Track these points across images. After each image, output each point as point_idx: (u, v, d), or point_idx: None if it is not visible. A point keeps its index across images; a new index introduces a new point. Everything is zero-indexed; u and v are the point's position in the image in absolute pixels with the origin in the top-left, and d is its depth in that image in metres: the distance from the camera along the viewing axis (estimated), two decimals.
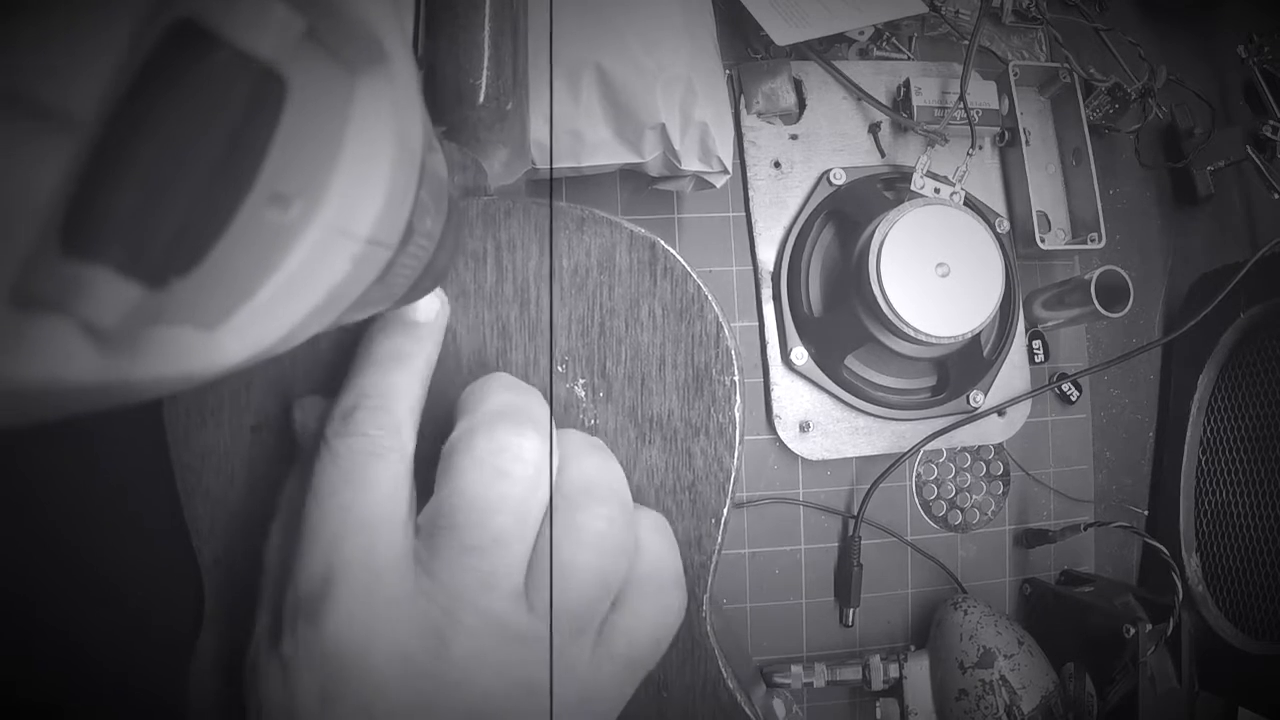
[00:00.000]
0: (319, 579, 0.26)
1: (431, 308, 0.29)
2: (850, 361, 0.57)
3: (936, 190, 0.55)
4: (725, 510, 0.31)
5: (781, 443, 0.58)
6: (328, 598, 0.25)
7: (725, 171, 0.48)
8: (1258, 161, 0.60)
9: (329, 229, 0.16)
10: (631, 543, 0.28)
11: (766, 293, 0.58)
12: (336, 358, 0.31)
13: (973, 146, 0.57)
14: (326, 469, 0.26)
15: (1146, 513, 0.64)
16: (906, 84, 0.59)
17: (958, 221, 0.52)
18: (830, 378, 0.58)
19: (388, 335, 0.28)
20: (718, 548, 0.31)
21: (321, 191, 0.16)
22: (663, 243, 0.31)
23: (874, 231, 0.52)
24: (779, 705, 0.56)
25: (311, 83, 0.15)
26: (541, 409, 0.29)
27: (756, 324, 0.59)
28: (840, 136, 0.60)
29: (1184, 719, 0.56)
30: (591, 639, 0.28)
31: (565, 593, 0.26)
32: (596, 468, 0.28)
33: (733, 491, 0.31)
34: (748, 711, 0.31)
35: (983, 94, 0.58)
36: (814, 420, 0.58)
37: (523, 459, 0.26)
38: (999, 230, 0.58)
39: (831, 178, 0.59)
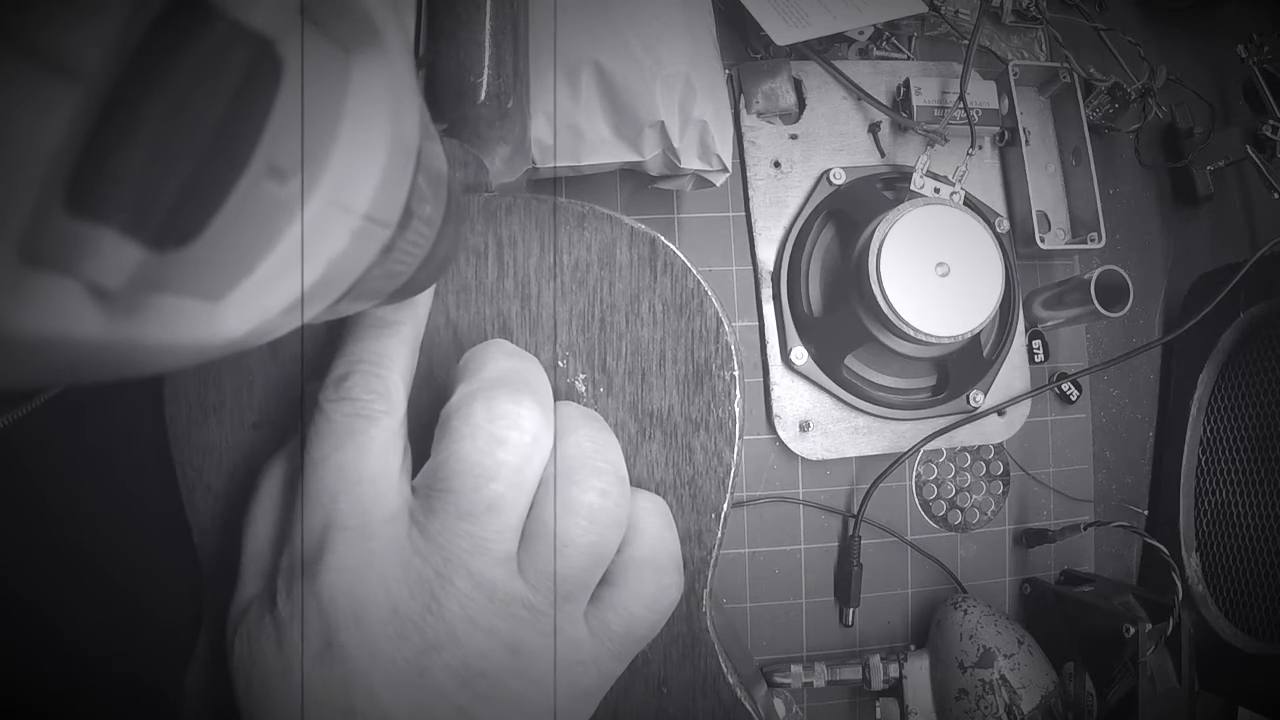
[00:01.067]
0: (315, 537, 0.26)
1: None
2: (850, 361, 0.58)
3: (936, 190, 0.55)
4: (725, 505, 0.31)
5: (781, 442, 0.58)
6: (323, 554, 0.26)
7: (725, 170, 0.48)
8: (1258, 161, 0.60)
9: (327, 203, 0.16)
10: (625, 516, 0.28)
11: (766, 292, 0.58)
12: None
13: (972, 146, 0.57)
14: (322, 433, 0.27)
15: (1146, 512, 0.64)
16: (906, 84, 0.59)
17: (958, 221, 0.52)
18: (830, 377, 0.58)
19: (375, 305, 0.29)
20: (718, 543, 0.31)
21: (319, 166, 0.16)
22: (663, 238, 0.31)
23: (874, 231, 0.52)
24: (780, 705, 0.56)
25: (307, 59, 0.15)
26: (541, 377, 0.29)
27: (756, 324, 0.59)
28: (840, 136, 0.60)
29: (1184, 719, 0.56)
30: (580, 608, 0.28)
31: (553, 561, 0.27)
32: (592, 440, 0.28)
33: (733, 487, 0.31)
34: (748, 708, 0.31)
35: (983, 94, 0.58)
36: (814, 420, 0.58)
37: (520, 427, 0.26)
38: (999, 230, 0.58)
39: (831, 178, 0.59)
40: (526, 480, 0.26)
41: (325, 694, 0.26)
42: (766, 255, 0.58)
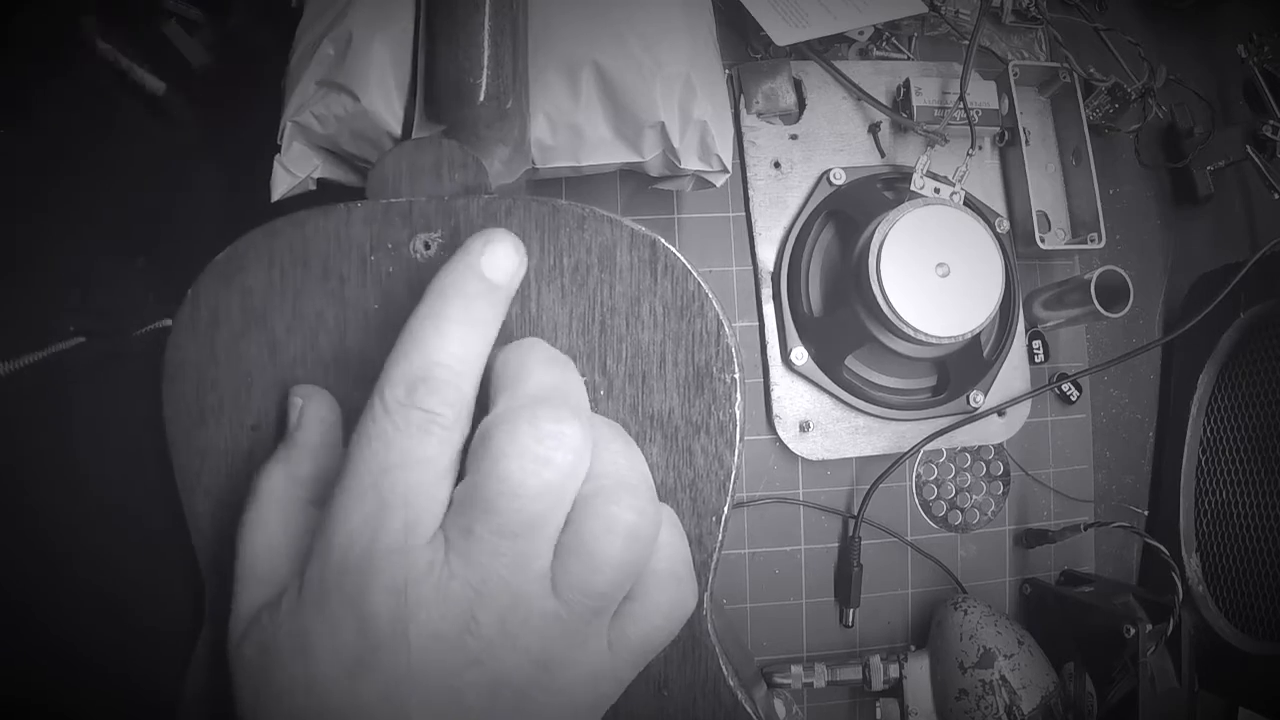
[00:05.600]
0: (359, 552, 0.26)
1: (509, 266, 0.29)
2: (850, 361, 0.57)
3: (936, 190, 0.55)
4: (726, 508, 0.31)
5: (781, 443, 0.58)
6: (371, 575, 0.25)
7: (725, 170, 0.48)
8: (1258, 161, 0.60)
9: None
10: (657, 533, 0.28)
11: (766, 293, 0.58)
12: (336, 358, 0.31)
13: (973, 146, 0.57)
14: (387, 440, 0.26)
15: (1146, 513, 0.64)
16: (906, 84, 0.59)
17: (958, 221, 0.52)
18: (830, 378, 0.58)
19: (463, 297, 0.27)
20: (718, 546, 0.31)
21: None
22: (663, 241, 0.31)
23: (874, 231, 0.52)
24: (780, 705, 0.56)
25: None
26: (579, 388, 0.29)
27: (757, 324, 0.58)
28: (840, 136, 0.60)
29: (1184, 719, 0.56)
30: (605, 622, 0.28)
31: (590, 578, 0.26)
32: (626, 456, 0.28)
33: (733, 490, 0.31)
34: (749, 710, 0.31)
35: (983, 94, 0.58)
36: (814, 420, 0.58)
37: (565, 446, 0.25)
38: (999, 230, 0.58)
39: (831, 178, 0.59)
40: (567, 498, 0.26)
41: (353, 711, 0.26)
42: (766, 255, 0.58)
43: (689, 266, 0.31)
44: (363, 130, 0.44)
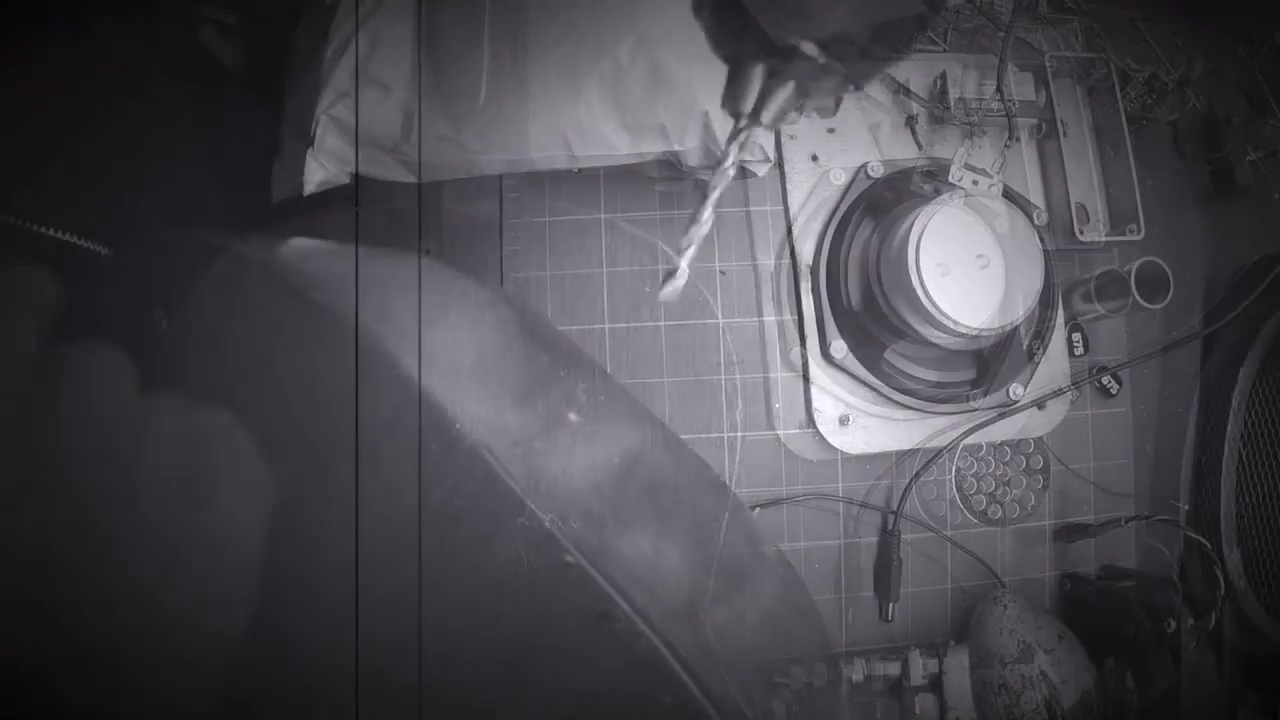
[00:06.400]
0: None
1: None
2: (889, 355, 0.57)
3: (975, 182, 0.55)
4: (726, 513, 0.31)
5: (820, 437, 0.57)
6: None
7: (767, 160, 0.48)
8: None
9: None
10: None
11: (806, 286, 0.58)
12: None
13: (1010, 138, 0.57)
14: None
15: (1188, 506, 0.63)
16: (943, 76, 0.58)
17: (996, 213, 0.52)
18: (870, 371, 0.57)
19: None
20: (718, 551, 0.31)
21: None
22: (663, 245, 0.31)
23: (912, 224, 0.52)
24: (779, 706, 0.56)
25: None
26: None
27: (795, 318, 0.58)
28: (878, 129, 0.59)
29: (1226, 716, 0.55)
30: None
31: None
32: None
33: (732, 493, 0.31)
34: (746, 713, 0.31)
35: (1019, 86, 0.58)
36: (853, 414, 0.58)
37: None
38: (1037, 222, 0.58)
39: (869, 170, 0.58)
40: None
41: None
42: (805, 249, 0.58)
43: (687, 271, 0.31)
44: (392, 120, 0.44)
